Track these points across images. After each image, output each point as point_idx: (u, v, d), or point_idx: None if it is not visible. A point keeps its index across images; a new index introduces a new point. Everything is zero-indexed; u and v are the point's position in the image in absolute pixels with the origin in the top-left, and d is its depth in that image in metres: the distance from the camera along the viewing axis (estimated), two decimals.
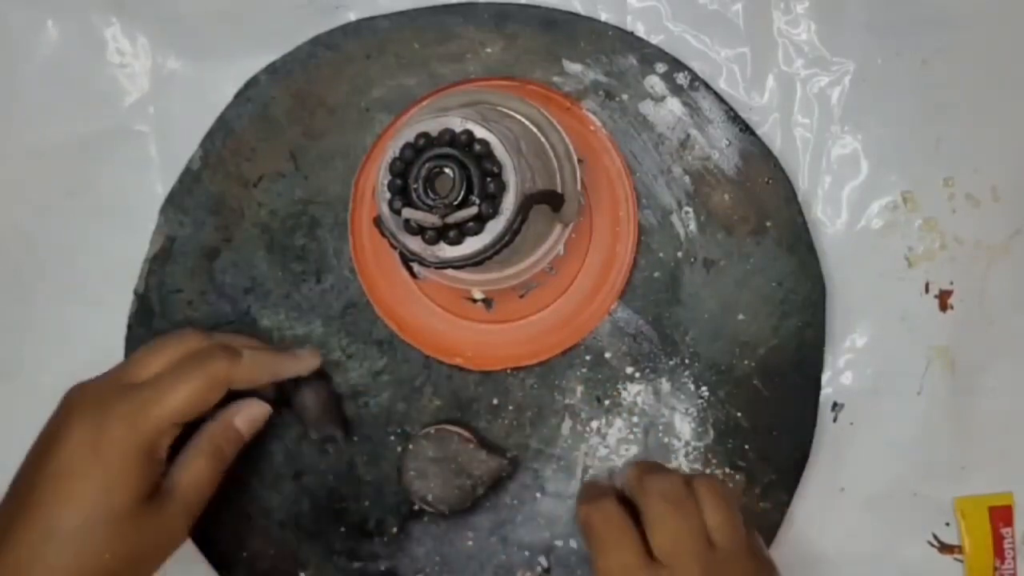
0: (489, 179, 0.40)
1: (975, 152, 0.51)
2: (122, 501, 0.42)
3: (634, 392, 0.51)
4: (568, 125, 0.47)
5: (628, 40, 0.51)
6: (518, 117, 0.45)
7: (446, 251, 0.40)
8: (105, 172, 0.54)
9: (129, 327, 0.54)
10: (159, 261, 0.53)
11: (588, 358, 0.51)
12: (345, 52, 0.52)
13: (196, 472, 0.45)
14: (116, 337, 0.54)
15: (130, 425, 0.43)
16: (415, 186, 0.40)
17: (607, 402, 0.52)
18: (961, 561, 0.52)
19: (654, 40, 0.51)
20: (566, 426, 0.52)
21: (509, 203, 0.40)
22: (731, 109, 0.51)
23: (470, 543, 0.52)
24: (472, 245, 0.40)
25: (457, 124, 0.40)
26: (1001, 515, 0.51)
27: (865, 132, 0.51)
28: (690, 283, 0.51)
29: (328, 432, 0.51)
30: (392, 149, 0.41)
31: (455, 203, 0.39)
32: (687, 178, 0.51)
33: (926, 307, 0.52)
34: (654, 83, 0.51)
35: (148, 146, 0.54)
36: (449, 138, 0.40)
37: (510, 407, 0.52)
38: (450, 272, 0.45)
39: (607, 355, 0.51)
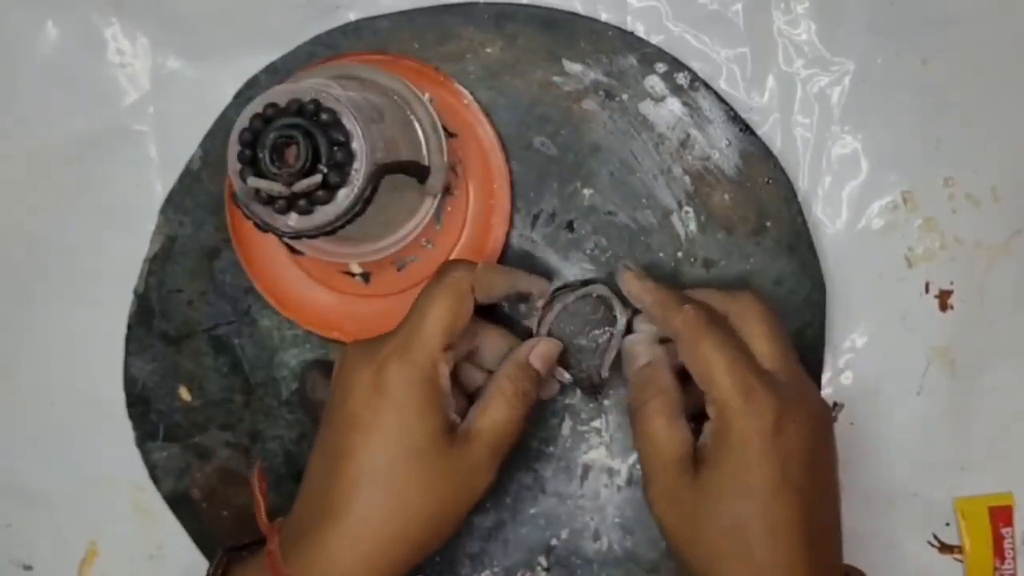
0: (336, 148, 0.40)
1: (975, 152, 0.51)
2: (419, 436, 0.42)
3: None
4: (441, 99, 0.48)
5: (628, 40, 0.51)
6: (384, 88, 0.45)
7: (297, 221, 0.41)
8: (105, 172, 0.54)
9: (129, 327, 0.54)
10: (159, 261, 0.53)
11: None
12: (345, 52, 0.52)
13: (495, 413, 0.44)
14: (116, 337, 0.54)
15: (402, 359, 0.42)
16: (262, 155, 0.40)
17: (607, 402, 0.52)
18: (961, 561, 0.52)
19: (654, 40, 0.51)
20: (566, 426, 0.52)
21: (358, 172, 0.40)
22: (731, 109, 0.51)
23: (470, 543, 0.52)
24: (323, 215, 0.40)
25: (305, 94, 0.40)
26: (1001, 515, 0.51)
27: (865, 132, 0.51)
28: (690, 283, 0.51)
29: None
30: (241, 120, 0.41)
31: (302, 171, 0.40)
32: (687, 178, 0.51)
33: (926, 307, 0.51)
34: (654, 83, 0.51)
35: (148, 146, 0.54)
36: (296, 108, 0.40)
37: None
38: (321, 245, 0.46)
39: None
